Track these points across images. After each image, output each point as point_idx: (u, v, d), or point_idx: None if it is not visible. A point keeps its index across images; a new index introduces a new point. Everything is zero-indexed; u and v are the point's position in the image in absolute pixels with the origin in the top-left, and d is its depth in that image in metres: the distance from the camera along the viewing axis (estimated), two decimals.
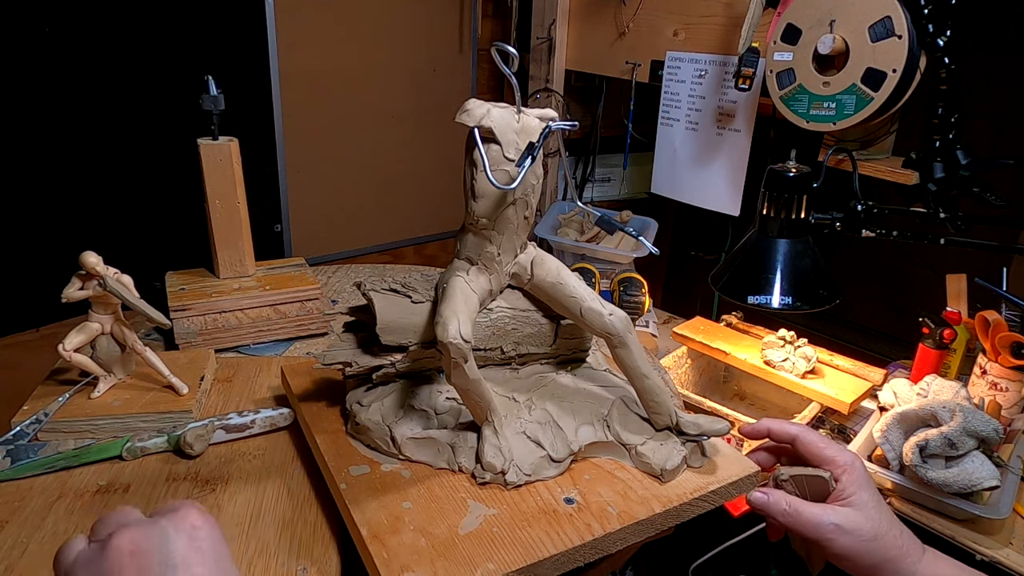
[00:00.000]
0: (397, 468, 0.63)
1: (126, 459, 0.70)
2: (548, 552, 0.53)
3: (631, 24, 1.40)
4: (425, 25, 1.59)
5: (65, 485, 0.66)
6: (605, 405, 0.67)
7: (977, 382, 1.01)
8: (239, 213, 0.99)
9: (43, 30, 1.11)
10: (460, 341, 0.56)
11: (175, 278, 1.00)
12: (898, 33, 0.90)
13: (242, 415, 0.74)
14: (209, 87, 0.94)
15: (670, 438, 0.65)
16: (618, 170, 1.78)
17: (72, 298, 0.72)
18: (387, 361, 0.66)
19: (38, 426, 0.71)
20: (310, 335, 1.01)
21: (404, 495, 0.59)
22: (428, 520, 0.56)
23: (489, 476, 0.60)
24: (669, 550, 1.09)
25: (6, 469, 0.66)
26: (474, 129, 0.59)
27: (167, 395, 0.77)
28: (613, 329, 0.64)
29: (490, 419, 0.62)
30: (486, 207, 0.62)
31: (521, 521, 0.56)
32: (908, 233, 1.02)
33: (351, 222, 1.62)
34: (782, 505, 0.60)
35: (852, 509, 0.58)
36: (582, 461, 0.64)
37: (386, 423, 0.64)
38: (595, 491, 0.60)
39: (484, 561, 0.52)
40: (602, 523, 0.56)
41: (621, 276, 1.26)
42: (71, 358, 0.73)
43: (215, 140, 0.95)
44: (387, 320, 0.64)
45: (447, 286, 0.62)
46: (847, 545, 0.57)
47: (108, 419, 0.73)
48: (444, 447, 0.63)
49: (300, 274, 1.04)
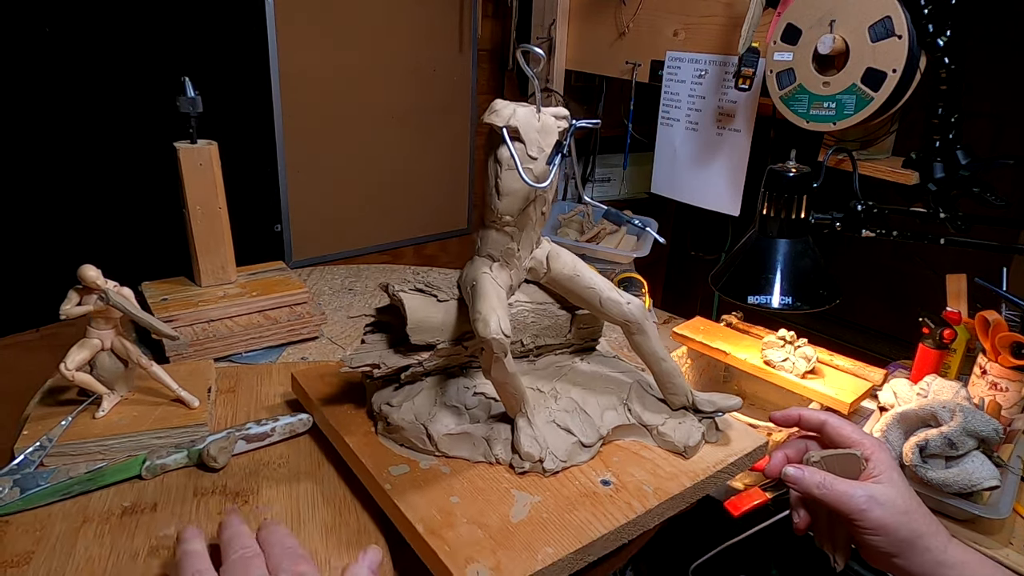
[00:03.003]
0: (436, 464, 0.64)
1: (146, 478, 0.68)
2: (598, 532, 0.56)
3: (631, 24, 1.40)
4: (425, 25, 1.59)
5: (87, 510, 0.64)
6: (624, 389, 0.71)
7: (977, 382, 1.01)
8: (220, 219, 0.96)
9: (43, 31, 1.11)
10: (501, 336, 0.58)
11: (154, 288, 0.97)
12: (898, 33, 0.90)
13: (261, 423, 0.73)
14: (186, 88, 0.91)
15: (687, 416, 0.69)
16: (618, 170, 1.78)
17: (72, 315, 0.69)
18: (415, 360, 0.67)
19: (43, 452, 0.67)
20: (302, 339, 0.99)
21: (449, 490, 0.61)
22: (479, 512, 0.58)
23: (528, 465, 0.63)
24: (669, 550, 1.09)
25: (16, 499, 0.63)
26: (503, 129, 0.60)
27: (177, 409, 0.75)
28: (632, 317, 0.67)
29: (524, 410, 0.64)
30: (511, 204, 0.63)
31: (567, 505, 0.59)
32: (908, 233, 1.02)
33: (351, 222, 1.62)
34: (817, 478, 0.60)
35: (884, 485, 0.59)
36: (609, 444, 0.68)
37: (420, 421, 0.65)
38: (627, 471, 0.64)
39: (542, 546, 0.54)
40: (641, 501, 0.60)
41: (621, 276, 1.26)
42: (74, 377, 0.70)
43: (193, 143, 0.93)
44: (417, 319, 0.65)
45: (477, 284, 0.63)
46: (881, 517, 0.57)
47: (120, 438, 0.70)
48: (479, 441, 0.65)
49: (285, 278, 1.03)
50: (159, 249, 1.11)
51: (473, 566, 0.52)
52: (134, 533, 0.61)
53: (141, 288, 0.97)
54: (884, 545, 0.57)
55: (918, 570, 0.57)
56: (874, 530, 0.57)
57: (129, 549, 0.59)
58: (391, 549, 0.60)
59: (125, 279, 0.73)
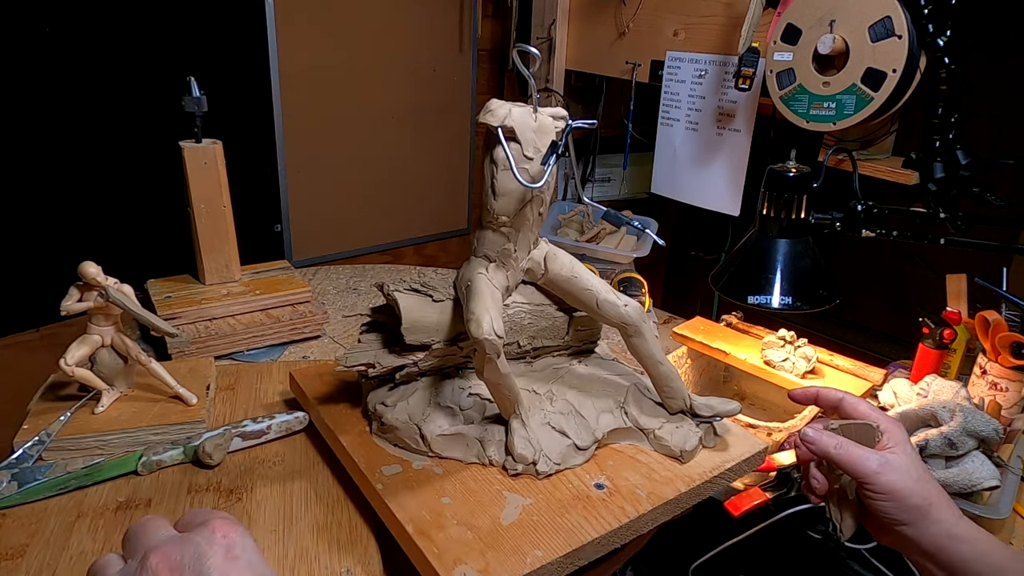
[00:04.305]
0: (428, 465, 0.64)
1: (142, 474, 0.68)
2: (589, 536, 0.56)
3: (631, 24, 1.40)
4: (425, 25, 1.59)
5: (82, 504, 0.64)
6: (620, 392, 0.70)
7: (977, 382, 1.01)
8: (225, 217, 0.96)
9: (43, 31, 1.11)
10: (494, 337, 0.57)
11: (158, 286, 0.97)
12: (898, 33, 0.90)
13: (257, 421, 0.73)
14: (191, 88, 0.92)
15: (684, 421, 0.68)
16: (618, 170, 1.78)
17: (72, 311, 0.69)
18: (410, 360, 0.67)
19: (42, 446, 0.68)
20: (304, 338, 1.00)
21: (441, 491, 0.61)
22: (469, 513, 0.58)
23: (521, 467, 0.62)
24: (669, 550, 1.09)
25: (14, 494, 0.64)
26: (498, 129, 0.60)
27: (175, 406, 0.76)
28: (629, 319, 0.66)
29: (518, 412, 0.63)
30: (507, 205, 0.63)
31: (559, 508, 0.59)
32: (908, 233, 1.02)
33: (351, 222, 1.62)
34: (834, 440, 0.60)
35: (897, 453, 0.59)
36: (604, 448, 0.67)
37: (414, 421, 0.65)
38: (622, 475, 0.63)
39: (531, 549, 0.54)
40: (634, 505, 0.60)
41: (621, 276, 1.26)
42: (74, 372, 0.71)
43: (198, 143, 0.93)
44: (412, 319, 0.65)
45: (472, 284, 0.63)
46: (894, 480, 0.57)
47: (118, 434, 0.71)
48: (473, 442, 0.65)
49: (288, 277, 1.03)
50: (164, 247, 1.11)
51: (461, 568, 0.52)
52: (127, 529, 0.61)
53: (146, 286, 0.97)
54: (894, 512, 0.57)
55: (928, 540, 0.56)
56: (886, 495, 0.57)
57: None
58: (383, 549, 0.60)
59: (130, 277, 0.74)
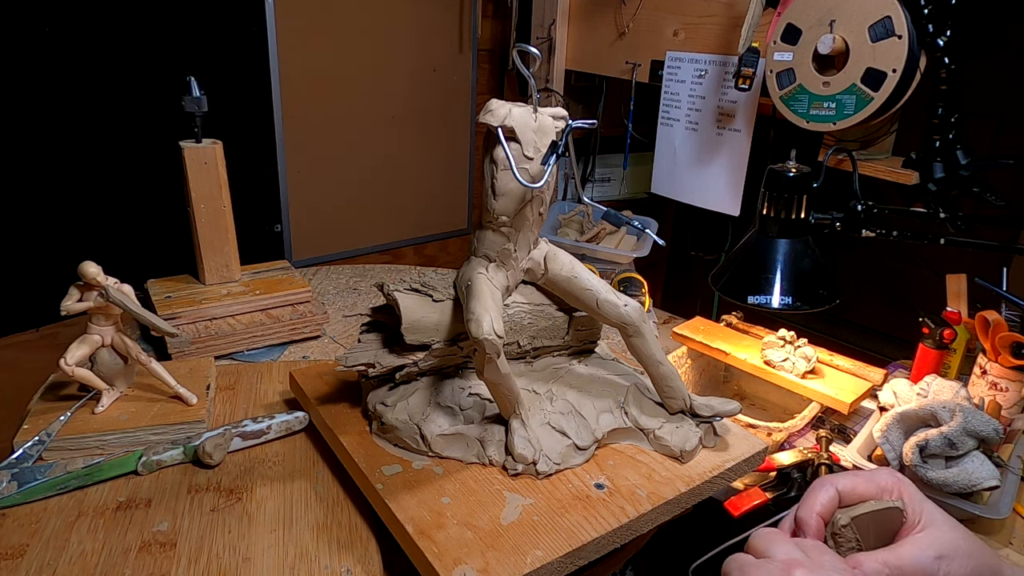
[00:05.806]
0: (428, 465, 0.64)
1: (142, 473, 0.68)
2: (589, 536, 0.56)
3: (631, 24, 1.40)
4: (425, 25, 1.59)
5: (82, 504, 0.64)
6: (620, 392, 0.70)
7: (977, 382, 1.01)
8: (225, 217, 0.96)
9: (43, 30, 1.11)
10: (494, 337, 0.57)
11: (158, 286, 0.97)
12: (898, 33, 0.90)
13: (257, 421, 0.73)
14: (191, 88, 0.92)
15: (684, 421, 0.68)
16: (618, 170, 1.78)
17: (72, 311, 0.69)
18: (410, 360, 0.67)
19: (42, 446, 0.68)
20: (304, 338, 1.00)
21: (441, 491, 0.61)
22: (469, 513, 0.58)
23: (521, 467, 0.62)
24: (669, 550, 1.09)
25: (14, 493, 0.64)
26: (498, 129, 0.60)
27: (175, 406, 0.75)
28: (629, 319, 0.66)
29: (518, 412, 0.63)
30: (507, 205, 0.63)
31: (559, 508, 0.59)
32: (908, 233, 1.02)
33: (351, 222, 1.62)
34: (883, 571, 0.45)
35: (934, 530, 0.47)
36: (604, 448, 0.67)
37: (414, 421, 0.65)
38: (622, 475, 0.63)
39: (531, 548, 0.54)
40: (634, 505, 0.60)
41: (621, 276, 1.26)
42: (74, 372, 0.70)
43: (198, 143, 0.93)
44: (412, 319, 0.65)
45: (472, 284, 0.63)
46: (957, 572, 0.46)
47: (117, 434, 0.71)
48: (473, 442, 0.65)
49: (288, 277, 1.03)
50: (164, 247, 1.11)
51: (461, 567, 0.52)
52: (127, 528, 0.61)
53: (146, 286, 0.97)
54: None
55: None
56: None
57: (121, 544, 0.59)
58: (383, 549, 0.60)
59: (131, 277, 0.74)
